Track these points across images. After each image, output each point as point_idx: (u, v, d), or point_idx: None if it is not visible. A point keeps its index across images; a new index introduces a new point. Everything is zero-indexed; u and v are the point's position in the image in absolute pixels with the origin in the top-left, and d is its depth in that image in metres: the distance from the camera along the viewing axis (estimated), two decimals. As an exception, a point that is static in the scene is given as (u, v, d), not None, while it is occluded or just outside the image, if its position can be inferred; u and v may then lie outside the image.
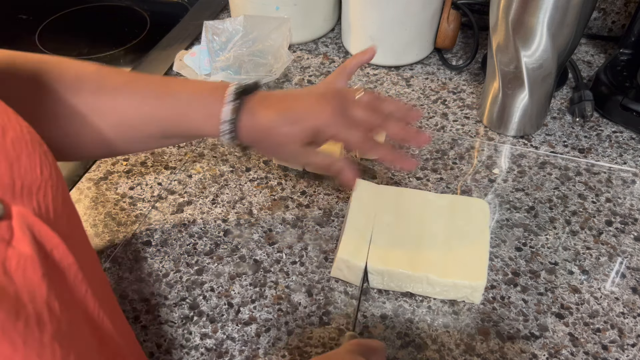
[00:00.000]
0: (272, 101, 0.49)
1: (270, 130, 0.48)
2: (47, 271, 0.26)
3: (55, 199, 0.29)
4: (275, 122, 0.48)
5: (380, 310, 0.50)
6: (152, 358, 0.47)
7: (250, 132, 0.48)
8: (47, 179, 0.29)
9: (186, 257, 0.55)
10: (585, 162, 0.64)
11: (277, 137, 0.49)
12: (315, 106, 0.49)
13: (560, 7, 0.55)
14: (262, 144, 0.51)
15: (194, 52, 0.73)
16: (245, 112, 0.48)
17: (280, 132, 0.48)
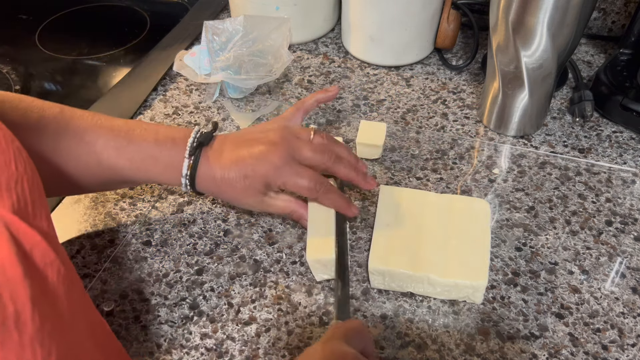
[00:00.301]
0: (226, 151, 0.51)
1: (225, 184, 0.51)
2: (28, 270, 0.26)
3: (32, 192, 0.29)
4: (228, 176, 0.50)
5: (380, 310, 0.50)
6: (152, 358, 0.47)
7: (207, 184, 0.51)
8: (23, 173, 0.29)
9: (186, 257, 0.55)
10: (585, 162, 0.64)
11: (232, 191, 0.51)
12: (264, 155, 0.50)
13: (560, 7, 0.55)
14: (221, 195, 0.54)
15: (194, 52, 0.73)
16: (202, 166, 0.51)
17: (234, 186, 0.51)
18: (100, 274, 0.53)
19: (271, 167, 0.50)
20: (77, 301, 0.31)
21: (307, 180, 0.51)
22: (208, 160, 0.51)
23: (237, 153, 0.51)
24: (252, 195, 0.51)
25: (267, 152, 0.50)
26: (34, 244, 0.27)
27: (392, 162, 0.64)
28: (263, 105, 0.73)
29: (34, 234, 0.27)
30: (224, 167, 0.51)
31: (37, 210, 0.29)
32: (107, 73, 0.85)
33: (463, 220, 0.53)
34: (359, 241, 0.56)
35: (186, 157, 0.50)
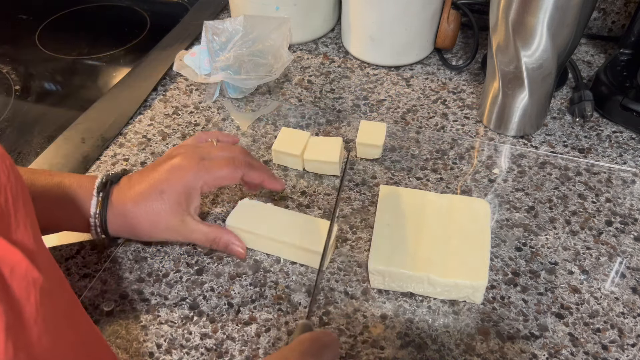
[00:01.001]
0: (135, 184, 0.49)
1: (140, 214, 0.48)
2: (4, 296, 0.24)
3: (16, 202, 0.28)
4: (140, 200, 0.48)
5: (380, 310, 0.50)
6: (152, 358, 0.47)
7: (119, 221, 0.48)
8: (6, 183, 0.28)
9: (186, 257, 0.55)
10: (585, 162, 0.64)
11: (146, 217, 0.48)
12: (175, 167, 0.49)
13: (560, 7, 0.55)
14: (135, 231, 0.50)
15: (194, 52, 0.73)
16: (110, 204, 0.48)
17: (148, 211, 0.48)
18: (100, 274, 0.53)
19: (186, 174, 0.49)
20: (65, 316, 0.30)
21: (225, 167, 0.50)
22: (116, 197, 0.49)
23: (146, 179, 0.49)
24: (172, 216, 0.49)
25: (178, 164, 0.49)
26: (15, 263, 0.26)
27: (392, 162, 0.64)
28: (263, 105, 0.73)
29: (15, 253, 0.26)
30: (136, 194, 0.48)
31: (21, 221, 0.28)
32: (107, 73, 0.85)
33: (463, 220, 0.53)
34: (359, 241, 0.56)
35: (94, 195, 0.48)
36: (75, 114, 0.72)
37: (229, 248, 0.52)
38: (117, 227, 0.49)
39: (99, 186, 0.49)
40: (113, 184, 0.50)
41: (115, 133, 0.68)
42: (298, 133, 0.64)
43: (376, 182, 0.61)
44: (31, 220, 0.30)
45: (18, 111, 0.77)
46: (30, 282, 0.26)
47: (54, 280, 0.29)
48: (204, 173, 0.49)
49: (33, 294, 0.26)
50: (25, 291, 0.26)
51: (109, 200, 0.48)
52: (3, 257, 0.25)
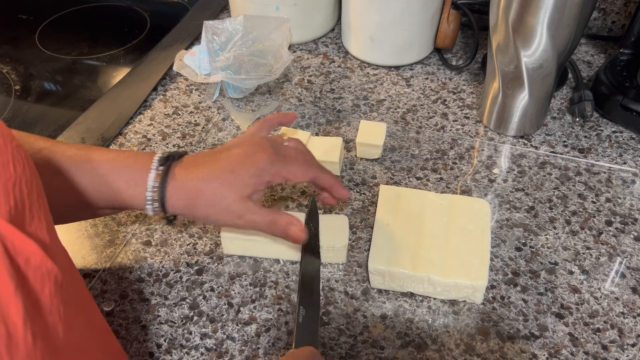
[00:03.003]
0: (201, 160, 0.47)
1: (203, 187, 0.46)
2: (21, 285, 0.24)
3: (30, 194, 0.28)
4: (207, 177, 0.46)
5: (380, 310, 0.50)
6: (152, 358, 0.47)
7: (179, 197, 0.46)
8: (21, 174, 0.28)
9: (186, 257, 0.55)
10: (585, 162, 0.64)
11: (210, 194, 0.46)
12: (249, 153, 0.47)
13: (560, 7, 0.55)
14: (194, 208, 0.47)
15: (194, 52, 0.73)
16: (172, 178, 0.46)
17: (214, 187, 0.46)
18: (100, 274, 0.53)
19: (260, 160, 0.47)
20: (77, 306, 0.30)
21: (300, 163, 0.49)
22: (179, 171, 0.46)
23: (217, 159, 0.47)
24: (236, 198, 0.46)
25: (253, 149, 0.48)
26: (30, 254, 0.26)
27: (392, 162, 0.64)
28: (263, 105, 0.73)
29: (30, 244, 0.26)
30: (205, 171, 0.46)
31: (36, 213, 0.28)
32: (107, 73, 0.85)
33: (463, 220, 0.53)
34: (359, 241, 0.56)
35: (153, 169, 0.46)
36: (75, 114, 0.72)
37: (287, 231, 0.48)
38: (176, 201, 0.46)
39: (160, 160, 0.46)
40: (174, 159, 0.47)
41: (115, 133, 0.68)
42: (298, 133, 0.64)
43: (376, 182, 0.61)
44: (45, 212, 0.30)
45: (18, 111, 0.77)
46: (45, 273, 0.26)
47: (67, 271, 0.30)
48: (278, 163, 0.48)
49: (47, 285, 0.26)
50: (40, 282, 0.26)
51: (169, 175, 0.46)
52: (19, 248, 0.25)
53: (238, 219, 0.47)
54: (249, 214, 0.47)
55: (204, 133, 0.69)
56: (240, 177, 0.46)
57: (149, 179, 0.45)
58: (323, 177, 0.50)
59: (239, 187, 0.46)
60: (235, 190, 0.46)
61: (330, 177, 0.51)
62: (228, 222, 0.48)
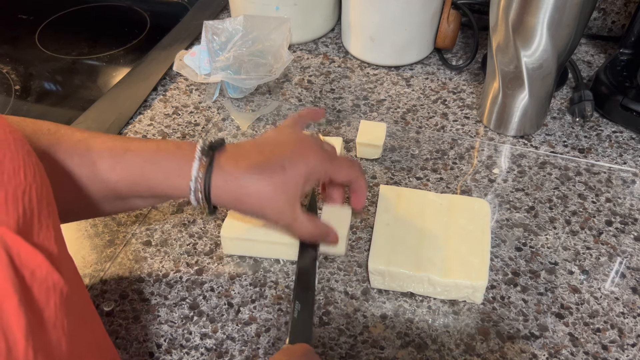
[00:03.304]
0: (247, 151, 0.46)
1: (253, 185, 0.44)
2: (25, 298, 0.24)
3: (40, 202, 0.28)
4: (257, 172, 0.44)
5: (380, 310, 0.50)
6: (152, 358, 0.47)
7: (226, 190, 0.44)
8: (32, 182, 0.28)
9: (186, 257, 0.55)
10: (585, 162, 0.64)
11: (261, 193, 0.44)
12: (300, 149, 0.46)
13: (560, 7, 0.55)
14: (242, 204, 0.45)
15: (194, 52, 0.73)
16: (217, 169, 0.44)
17: (264, 186, 0.44)
18: (100, 274, 0.53)
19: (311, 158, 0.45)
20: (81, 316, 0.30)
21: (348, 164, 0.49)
22: (225, 162, 0.44)
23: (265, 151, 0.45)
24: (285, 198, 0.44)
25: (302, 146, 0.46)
26: (36, 266, 0.25)
27: (392, 162, 0.64)
28: (263, 105, 0.73)
29: (37, 255, 0.25)
30: (253, 164, 0.44)
31: (44, 222, 0.28)
32: (107, 73, 0.85)
33: (463, 220, 0.53)
34: (359, 241, 0.56)
35: (196, 158, 0.43)
36: (75, 114, 0.72)
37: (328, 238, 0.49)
38: (222, 194, 0.44)
39: (203, 150, 0.44)
40: (217, 149, 0.45)
41: (115, 133, 0.68)
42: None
43: (376, 182, 0.61)
44: (54, 220, 0.29)
45: (18, 111, 0.77)
46: (51, 286, 0.26)
47: (72, 281, 0.29)
48: (327, 163, 0.47)
49: (53, 298, 0.26)
50: (45, 295, 0.26)
51: (214, 165, 0.44)
52: (25, 260, 0.25)
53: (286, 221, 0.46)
54: (298, 222, 0.47)
55: (204, 133, 0.69)
56: (292, 177, 0.45)
57: (192, 168, 0.43)
58: (361, 180, 0.51)
59: (291, 188, 0.45)
60: (286, 192, 0.45)
61: (365, 184, 0.51)
62: (278, 221, 0.47)
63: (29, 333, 0.24)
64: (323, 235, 0.49)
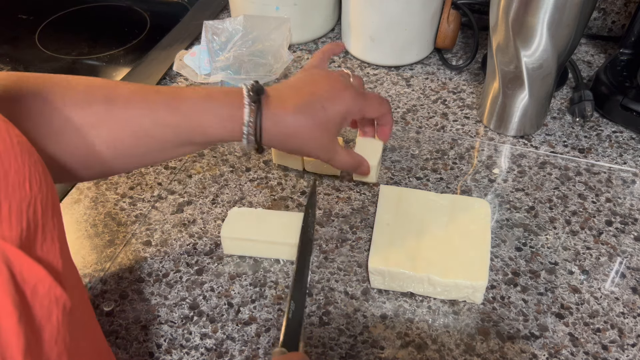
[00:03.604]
0: (288, 94, 0.49)
1: (298, 125, 0.48)
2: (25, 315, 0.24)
3: (45, 214, 0.27)
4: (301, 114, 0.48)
5: (380, 310, 0.50)
6: (152, 358, 0.47)
7: (275, 132, 0.48)
8: (37, 193, 0.27)
9: (186, 257, 0.55)
10: (585, 162, 0.64)
11: (305, 132, 0.48)
12: (336, 89, 0.50)
13: (560, 7, 0.55)
14: (289, 143, 0.50)
15: (194, 52, 0.73)
16: (266, 113, 0.47)
17: (308, 126, 0.48)
18: (100, 274, 0.53)
19: (346, 96, 0.50)
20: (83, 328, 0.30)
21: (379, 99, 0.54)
22: (272, 106, 0.47)
23: (305, 92, 0.49)
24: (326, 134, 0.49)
25: (337, 85, 0.50)
26: (38, 281, 0.25)
27: (392, 162, 0.64)
28: (263, 105, 0.73)
29: (39, 270, 0.25)
30: (298, 105, 0.48)
31: (49, 234, 0.28)
32: (107, 73, 0.85)
33: (463, 220, 0.53)
34: (359, 241, 0.56)
35: (246, 104, 0.46)
36: (75, 114, 0.72)
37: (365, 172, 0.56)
38: (272, 136, 0.48)
39: (250, 96, 0.47)
40: (262, 93, 0.48)
41: (115, 133, 0.68)
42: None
43: (376, 182, 0.61)
44: (59, 232, 0.29)
45: (18, 111, 0.77)
46: (53, 301, 0.25)
47: (75, 295, 0.29)
48: (361, 100, 0.51)
49: (55, 313, 0.26)
50: (47, 310, 0.25)
51: (262, 110, 0.47)
52: (27, 275, 0.24)
53: (328, 155, 0.52)
54: (338, 155, 0.52)
55: (204, 133, 0.69)
56: (332, 116, 0.49)
57: (244, 114, 0.46)
58: (388, 115, 0.56)
59: (331, 126, 0.49)
60: (328, 130, 0.49)
61: (391, 119, 0.57)
62: (321, 157, 0.52)
63: (27, 352, 0.23)
64: (358, 165, 0.55)
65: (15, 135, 0.28)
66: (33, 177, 0.28)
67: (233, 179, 0.63)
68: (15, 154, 0.27)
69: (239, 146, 0.64)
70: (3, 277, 0.23)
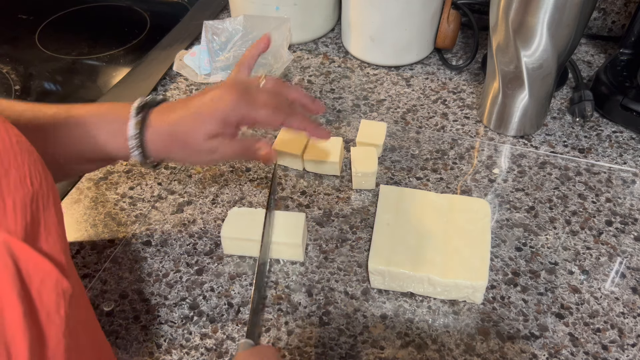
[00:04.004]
0: (175, 106, 0.49)
1: (175, 131, 0.48)
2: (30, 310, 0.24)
3: (47, 210, 0.28)
4: (179, 121, 0.48)
5: (380, 310, 0.50)
6: (152, 358, 0.47)
7: (156, 141, 0.48)
8: (38, 189, 0.28)
9: (186, 257, 0.55)
10: (585, 162, 0.64)
11: (183, 135, 0.48)
12: (218, 95, 0.49)
13: (560, 7, 0.55)
14: (170, 150, 0.49)
15: (194, 52, 0.73)
16: (149, 125, 0.48)
17: (184, 130, 0.48)
18: (100, 274, 0.53)
19: (227, 102, 0.48)
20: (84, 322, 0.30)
21: (267, 108, 0.49)
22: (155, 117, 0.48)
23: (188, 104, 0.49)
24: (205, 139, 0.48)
25: (222, 94, 0.49)
26: (45, 274, 0.25)
27: (392, 162, 0.64)
28: (263, 105, 0.73)
29: (45, 263, 0.25)
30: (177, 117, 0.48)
31: (52, 229, 0.28)
32: (107, 73, 0.85)
33: (463, 220, 0.53)
34: (359, 241, 0.56)
35: (132, 117, 0.47)
36: (75, 114, 0.72)
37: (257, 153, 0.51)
38: (154, 146, 0.48)
39: (137, 108, 0.48)
40: (151, 107, 0.49)
41: (115, 133, 0.68)
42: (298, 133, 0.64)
43: (376, 182, 0.61)
44: (61, 228, 0.29)
45: (18, 111, 0.77)
46: (61, 294, 0.26)
47: (75, 287, 0.29)
48: (244, 105, 0.49)
49: (63, 305, 0.26)
50: (55, 303, 0.25)
51: (146, 122, 0.48)
52: (32, 270, 0.25)
53: (212, 154, 0.49)
54: (221, 147, 0.49)
55: (204, 133, 0.69)
56: (207, 119, 0.48)
57: (128, 127, 0.47)
58: (293, 121, 0.50)
59: (207, 127, 0.48)
60: (203, 131, 0.48)
61: (301, 121, 0.51)
62: (203, 159, 0.50)
63: (32, 345, 0.23)
64: (247, 149, 0.50)
65: (14, 135, 0.28)
66: (33, 175, 0.28)
67: (233, 179, 0.63)
68: (15, 152, 0.27)
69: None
70: (9, 271, 0.24)
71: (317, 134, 0.52)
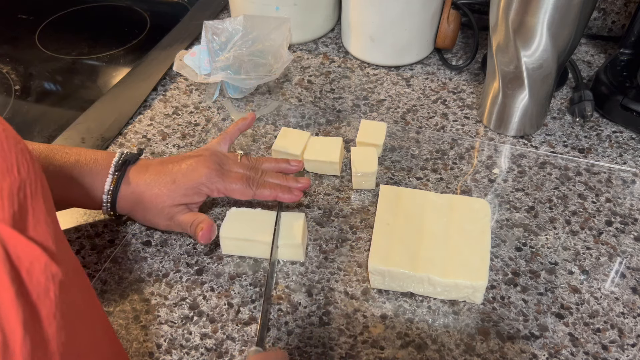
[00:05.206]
0: (153, 167, 0.53)
1: (146, 193, 0.51)
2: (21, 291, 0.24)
3: (35, 198, 0.28)
4: (152, 185, 0.51)
5: (380, 310, 0.50)
6: (152, 358, 0.47)
7: (126, 200, 0.52)
8: (25, 177, 0.28)
9: (186, 257, 0.55)
10: (585, 162, 0.64)
11: (149, 199, 0.51)
12: (193, 166, 0.52)
13: (560, 7, 0.55)
14: (134, 211, 0.53)
15: (194, 52, 0.73)
16: (125, 182, 0.52)
17: (154, 194, 0.51)
18: (100, 274, 0.53)
19: (202, 174, 0.52)
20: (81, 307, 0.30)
21: (238, 182, 0.53)
22: (132, 175, 0.52)
23: (164, 168, 0.52)
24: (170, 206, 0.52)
25: (197, 164, 0.53)
26: (34, 258, 0.26)
27: (392, 162, 0.64)
28: (263, 105, 0.73)
29: (34, 248, 0.26)
30: (151, 179, 0.52)
31: (41, 217, 0.28)
32: (107, 73, 0.85)
33: (463, 220, 0.53)
34: (359, 241, 0.56)
35: (110, 174, 0.51)
36: (75, 114, 0.72)
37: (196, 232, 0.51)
38: (124, 204, 0.52)
39: (116, 165, 0.51)
40: (130, 163, 0.52)
41: (115, 133, 0.68)
42: (298, 133, 0.64)
43: (376, 182, 0.61)
44: (52, 217, 0.30)
45: (18, 111, 0.77)
46: (50, 277, 0.26)
47: (72, 274, 0.29)
48: (217, 179, 0.52)
49: (52, 289, 0.26)
50: (44, 286, 0.26)
51: (123, 179, 0.51)
52: (21, 253, 0.25)
53: (169, 220, 0.53)
54: (178, 215, 0.52)
55: (204, 133, 0.69)
56: (180, 188, 0.52)
57: (106, 183, 0.51)
58: (263, 193, 0.54)
59: (176, 196, 0.52)
60: (171, 198, 0.52)
61: (271, 191, 0.54)
62: (160, 223, 0.54)
63: (26, 324, 0.24)
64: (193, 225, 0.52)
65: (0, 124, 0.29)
66: (21, 163, 0.28)
67: (233, 179, 0.62)
68: (0, 141, 0.28)
69: None
70: None
71: (286, 199, 0.54)
